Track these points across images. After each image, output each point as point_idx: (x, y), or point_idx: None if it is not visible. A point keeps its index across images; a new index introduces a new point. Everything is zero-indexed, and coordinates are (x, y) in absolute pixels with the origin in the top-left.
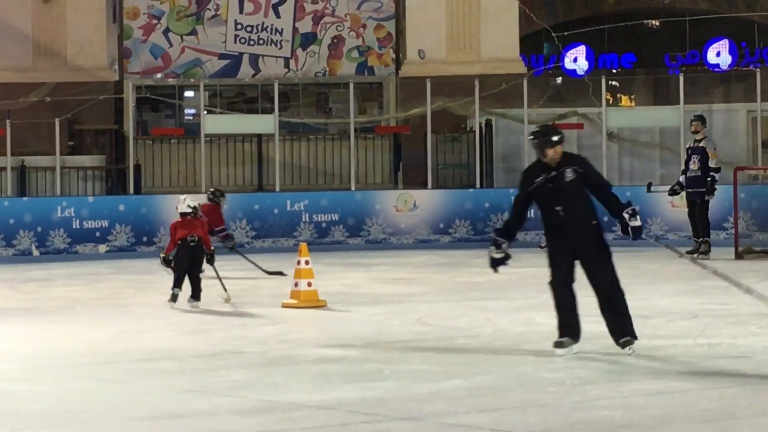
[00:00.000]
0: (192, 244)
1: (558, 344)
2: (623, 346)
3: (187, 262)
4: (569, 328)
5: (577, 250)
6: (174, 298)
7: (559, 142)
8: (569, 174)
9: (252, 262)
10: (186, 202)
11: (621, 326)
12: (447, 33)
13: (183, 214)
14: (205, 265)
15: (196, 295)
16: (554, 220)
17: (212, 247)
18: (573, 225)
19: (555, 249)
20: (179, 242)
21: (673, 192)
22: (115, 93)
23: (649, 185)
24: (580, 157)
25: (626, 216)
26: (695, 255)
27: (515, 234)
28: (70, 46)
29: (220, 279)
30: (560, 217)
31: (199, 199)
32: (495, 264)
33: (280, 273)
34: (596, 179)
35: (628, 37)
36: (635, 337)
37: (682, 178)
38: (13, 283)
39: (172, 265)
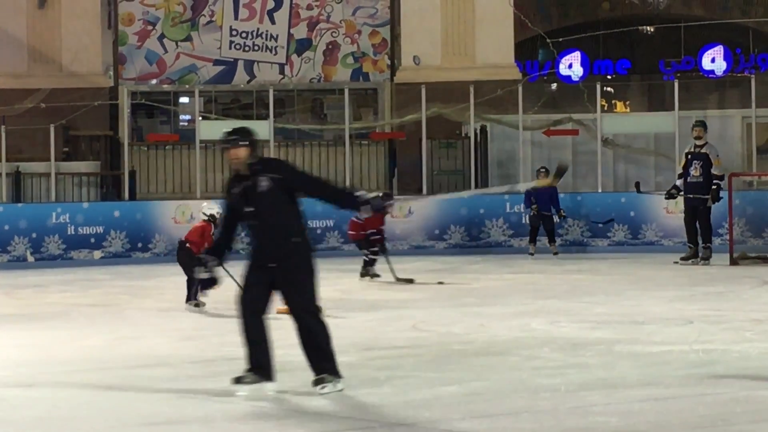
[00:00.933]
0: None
1: (237, 379)
2: (315, 384)
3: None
4: (256, 363)
5: (274, 271)
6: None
7: (236, 144)
8: (263, 183)
9: (391, 267)
10: (203, 210)
11: (318, 362)
12: (442, 39)
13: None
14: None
15: (187, 297)
16: (252, 236)
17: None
18: (267, 242)
19: (249, 270)
20: None
21: (670, 196)
22: (110, 99)
23: (638, 185)
24: (277, 161)
25: (360, 195)
26: (691, 261)
27: (224, 251)
28: (65, 53)
29: (236, 281)
30: (254, 231)
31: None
32: (204, 286)
33: (410, 281)
34: (301, 180)
35: (623, 43)
36: (336, 375)
37: (679, 182)
38: (8, 289)
39: None
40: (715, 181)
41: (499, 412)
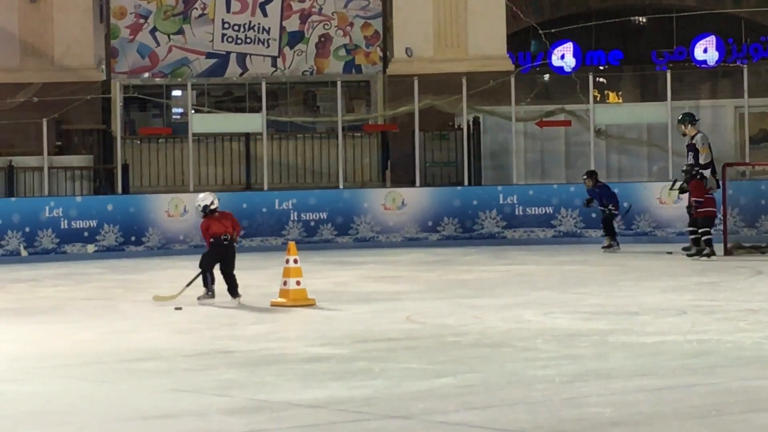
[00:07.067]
0: (225, 242)
1: None
2: None
3: (216, 260)
4: None
5: None
6: (212, 295)
7: None
8: None
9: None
10: (205, 201)
11: None
12: (434, 31)
13: (211, 211)
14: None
15: (233, 292)
16: None
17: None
18: None
19: None
20: (212, 240)
21: (682, 190)
22: (103, 93)
23: (675, 182)
24: None
25: None
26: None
27: None
28: (57, 46)
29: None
30: None
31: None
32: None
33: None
34: None
35: (615, 34)
36: None
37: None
38: (1, 283)
39: (201, 264)
40: (696, 169)
41: (494, 403)
